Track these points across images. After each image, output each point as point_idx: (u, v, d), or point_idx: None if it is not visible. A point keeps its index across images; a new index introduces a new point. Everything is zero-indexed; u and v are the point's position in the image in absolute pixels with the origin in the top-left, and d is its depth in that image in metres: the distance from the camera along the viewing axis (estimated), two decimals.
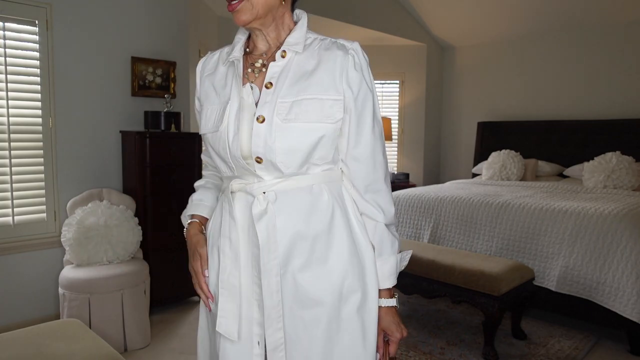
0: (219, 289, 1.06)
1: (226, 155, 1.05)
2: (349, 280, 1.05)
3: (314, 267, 1.03)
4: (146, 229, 3.15)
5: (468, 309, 3.38)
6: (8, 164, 2.89)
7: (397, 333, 1.10)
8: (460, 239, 3.55)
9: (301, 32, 1.07)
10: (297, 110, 1.01)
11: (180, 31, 3.64)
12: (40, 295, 3.06)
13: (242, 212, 1.06)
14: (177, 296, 3.38)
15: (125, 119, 3.38)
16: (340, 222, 1.06)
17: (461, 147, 6.04)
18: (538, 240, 3.12)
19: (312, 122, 1.01)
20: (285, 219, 1.03)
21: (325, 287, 1.03)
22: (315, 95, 1.02)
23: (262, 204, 1.03)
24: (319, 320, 1.03)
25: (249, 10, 1.01)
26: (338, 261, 1.04)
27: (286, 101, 1.01)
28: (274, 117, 1.00)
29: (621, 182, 3.97)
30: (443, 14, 5.43)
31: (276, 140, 1.00)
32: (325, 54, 1.05)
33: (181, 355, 2.67)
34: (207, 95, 1.13)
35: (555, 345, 2.83)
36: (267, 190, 1.04)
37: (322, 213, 1.05)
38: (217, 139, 1.06)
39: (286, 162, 1.01)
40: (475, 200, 3.59)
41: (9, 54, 2.86)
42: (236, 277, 1.06)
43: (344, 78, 1.03)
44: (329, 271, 1.04)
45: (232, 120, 1.04)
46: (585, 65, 4.90)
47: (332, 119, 1.03)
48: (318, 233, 1.04)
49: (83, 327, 1.90)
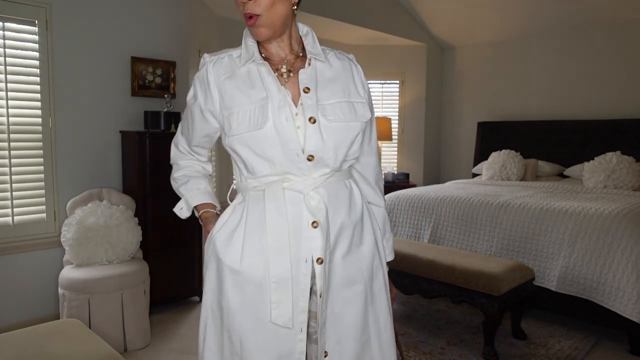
0: (271, 282, 1.11)
1: (275, 153, 1.10)
2: (376, 260, 1.23)
3: (353, 251, 1.19)
4: (146, 229, 3.15)
5: (468, 309, 3.38)
6: (8, 164, 2.89)
7: (394, 291, 1.38)
8: (460, 239, 3.55)
9: (316, 43, 1.21)
10: (336, 111, 1.14)
11: (180, 31, 3.64)
12: (40, 295, 3.05)
13: (294, 210, 1.13)
14: (177, 296, 3.38)
15: (125, 119, 3.38)
16: (366, 211, 1.24)
17: (461, 147, 6.03)
18: (538, 240, 3.12)
19: (350, 121, 1.15)
20: (333, 212, 1.15)
21: (362, 267, 1.19)
22: (346, 98, 1.17)
23: (315, 200, 1.13)
24: (357, 296, 1.18)
25: (268, 26, 1.11)
26: (368, 245, 1.21)
27: (326, 103, 1.14)
28: (320, 118, 1.12)
29: (621, 182, 3.97)
30: (443, 14, 5.43)
31: (327, 139, 1.12)
32: (338, 63, 1.22)
33: (181, 355, 2.67)
34: (232, 98, 1.15)
35: (556, 346, 2.82)
36: (317, 187, 1.14)
37: (357, 204, 1.21)
38: (261, 137, 1.10)
39: (334, 158, 1.14)
40: (475, 200, 3.59)
41: (9, 54, 2.86)
42: (287, 269, 1.11)
43: (359, 84, 1.23)
44: (364, 254, 1.20)
45: (282, 120, 1.10)
46: (586, 65, 4.90)
47: (364, 118, 1.18)
48: (355, 222, 1.20)
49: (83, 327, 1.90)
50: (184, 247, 3.36)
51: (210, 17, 4.36)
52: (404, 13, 5.50)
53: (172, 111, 3.34)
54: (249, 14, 1.11)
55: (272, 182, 1.13)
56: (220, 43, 4.56)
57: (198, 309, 3.38)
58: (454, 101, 6.08)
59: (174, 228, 3.29)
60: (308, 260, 1.12)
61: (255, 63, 1.16)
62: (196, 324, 3.10)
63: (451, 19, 5.48)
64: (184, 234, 3.35)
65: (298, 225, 1.12)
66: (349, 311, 1.17)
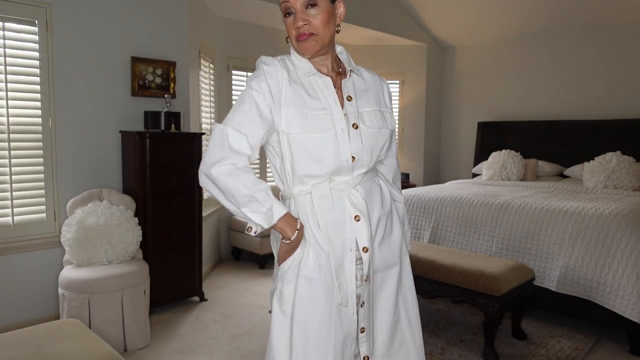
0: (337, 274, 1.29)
1: (328, 155, 1.25)
2: (403, 247, 1.42)
3: (386, 239, 1.37)
4: (146, 229, 3.15)
5: (468, 309, 3.38)
6: (8, 164, 2.88)
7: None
8: (460, 239, 3.55)
9: (351, 60, 1.39)
10: (371, 118, 1.33)
11: (180, 31, 3.64)
12: (40, 295, 3.05)
13: (338, 205, 1.28)
14: (177, 296, 3.38)
15: (125, 119, 3.38)
16: (392, 204, 1.42)
17: (461, 147, 6.03)
18: (538, 240, 3.12)
19: (382, 127, 1.35)
20: (372, 206, 1.32)
21: (394, 252, 1.38)
22: (378, 108, 1.37)
23: (357, 197, 1.29)
24: (392, 278, 1.37)
25: (318, 42, 1.26)
26: (397, 234, 1.40)
27: (363, 111, 1.33)
28: (360, 124, 1.30)
29: (621, 182, 3.97)
30: (443, 14, 5.43)
31: (365, 142, 1.30)
32: (370, 77, 1.42)
33: (181, 356, 2.67)
34: (292, 100, 1.25)
35: (556, 346, 2.82)
36: (357, 185, 1.30)
37: (387, 199, 1.39)
38: (320, 141, 1.24)
39: (370, 159, 1.32)
40: (476, 200, 3.59)
41: (9, 54, 2.86)
42: (340, 257, 1.29)
43: (387, 97, 1.45)
44: (394, 241, 1.39)
45: (340, 127, 1.26)
46: (586, 65, 4.90)
47: (392, 126, 1.40)
48: (387, 213, 1.37)
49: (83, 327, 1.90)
50: (184, 247, 3.36)
51: (210, 17, 4.36)
52: (404, 13, 5.50)
53: (172, 111, 3.34)
54: (303, 35, 1.25)
55: (318, 184, 1.28)
56: (220, 43, 4.56)
57: (198, 309, 3.38)
58: (454, 101, 6.08)
59: (174, 228, 3.29)
60: (352, 249, 1.28)
61: (317, 75, 1.30)
62: (196, 324, 3.10)
63: (451, 19, 5.48)
64: (184, 234, 3.35)
65: (342, 220, 1.28)
66: (384, 292, 1.36)
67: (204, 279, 3.95)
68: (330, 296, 1.28)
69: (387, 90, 1.46)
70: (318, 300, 1.27)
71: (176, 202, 3.29)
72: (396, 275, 1.38)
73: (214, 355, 2.67)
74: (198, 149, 3.40)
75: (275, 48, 4.95)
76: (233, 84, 4.71)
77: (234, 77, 4.71)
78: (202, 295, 3.53)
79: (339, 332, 1.29)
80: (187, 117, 3.69)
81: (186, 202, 3.34)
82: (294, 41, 1.28)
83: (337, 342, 1.28)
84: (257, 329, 3.04)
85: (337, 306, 1.29)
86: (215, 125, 1.27)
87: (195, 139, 3.38)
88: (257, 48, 4.85)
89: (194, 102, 3.87)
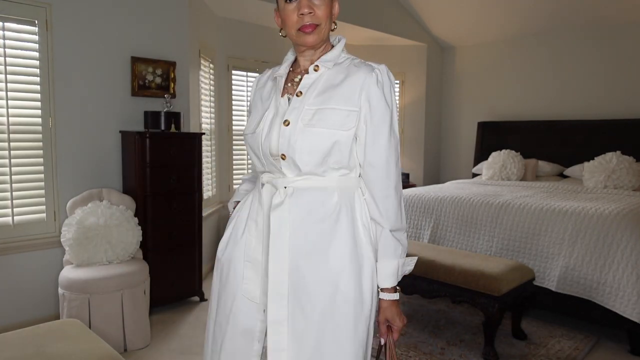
0: (244, 261, 1.26)
1: (259, 152, 1.25)
2: (345, 277, 1.19)
3: (314, 258, 1.19)
4: (146, 229, 3.15)
5: (468, 309, 3.38)
6: (8, 164, 2.88)
7: (399, 322, 1.26)
8: (460, 239, 3.55)
9: (337, 51, 1.27)
10: (318, 117, 1.18)
11: (180, 31, 3.64)
12: (40, 295, 3.05)
13: (267, 201, 1.25)
14: (177, 296, 3.38)
15: (125, 119, 3.38)
16: (344, 224, 1.21)
17: (461, 147, 6.03)
18: (538, 240, 3.12)
19: (329, 128, 1.17)
20: (296, 212, 1.20)
21: (322, 278, 1.18)
22: (335, 106, 1.19)
23: (281, 196, 1.22)
24: (314, 305, 1.18)
25: (320, 35, 1.22)
26: (336, 258, 1.19)
27: (311, 109, 1.20)
28: (298, 121, 1.18)
29: (621, 182, 3.97)
30: (443, 14, 5.43)
31: (297, 141, 1.17)
32: (353, 70, 1.23)
33: (181, 355, 2.67)
34: (255, 105, 1.36)
35: (556, 346, 2.82)
36: (288, 185, 1.22)
37: (328, 212, 1.20)
38: (254, 139, 1.26)
39: (305, 160, 1.18)
40: (476, 200, 3.59)
41: (9, 54, 2.86)
42: (259, 252, 1.25)
43: (364, 93, 1.20)
44: (328, 266, 1.19)
45: (266, 124, 1.24)
46: (586, 65, 4.90)
47: (346, 127, 1.18)
48: (323, 229, 1.20)
49: (83, 327, 1.90)
50: (184, 247, 3.36)
51: (210, 17, 4.36)
52: (404, 13, 5.50)
53: (172, 111, 3.34)
54: (309, 26, 1.20)
55: (260, 177, 1.30)
56: (220, 43, 4.56)
57: (198, 309, 3.38)
58: (454, 101, 6.08)
59: (174, 228, 3.29)
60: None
61: (272, 78, 1.35)
62: (196, 324, 3.10)
63: (451, 19, 5.48)
64: (184, 234, 3.35)
65: (269, 215, 1.24)
66: (304, 317, 1.25)
67: (204, 279, 3.95)
68: None
69: (368, 85, 1.20)
70: None
71: (176, 202, 3.29)
72: (320, 304, 1.19)
73: None
74: (198, 149, 3.40)
75: (275, 48, 4.95)
76: (233, 84, 4.70)
77: (234, 77, 4.71)
78: (202, 295, 3.53)
79: None
80: (187, 117, 3.69)
81: (186, 202, 3.34)
82: (292, 31, 1.22)
83: None
84: None
85: None
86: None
87: (195, 139, 3.38)
88: (257, 48, 4.85)
89: (194, 102, 3.87)
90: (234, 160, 4.77)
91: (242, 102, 4.79)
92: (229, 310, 1.27)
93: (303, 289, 1.18)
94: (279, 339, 1.18)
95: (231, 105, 4.71)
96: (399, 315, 1.26)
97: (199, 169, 3.44)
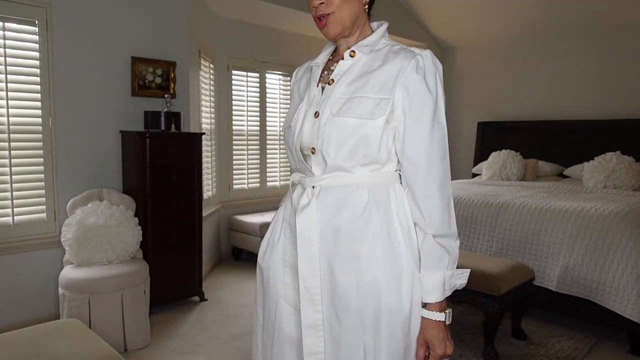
0: (283, 267, 1.20)
1: (292, 147, 1.18)
2: (381, 286, 1.06)
3: (348, 263, 1.08)
4: (146, 229, 3.15)
5: (468, 309, 3.38)
6: (8, 164, 2.88)
7: (438, 349, 1.08)
8: (460, 238, 3.54)
9: (376, 36, 1.17)
10: (348, 105, 1.09)
11: (180, 31, 3.64)
12: (40, 295, 3.05)
13: (296, 202, 1.18)
14: (177, 296, 3.38)
15: (125, 119, 3.38)
16: (377, 224, 1.08)
17: (461, 147, 6.03)
18: (538, 240, 3.12)
19: (357, 117, 1.07)
20: (322, 212, 1.11)
21: (355, 281, 1.07)
22: (367, 94, 1.08)
23: (308, 197, 1.14)
24: (347, 310, 1.07)
25: (337, 23, 1.13)
26: (369, 261, 1.07)
27: (342, 97, 1.10)
28: (327, 112, 1.10)
29: (621, 182, 3.97)
30: (443, 14, 5.43)
31: (325, 132, 1.09)
32: (391, 57, 1.12)
33: (181, 355, 2.67)
34: (292, 98, 1.31)
35: (556, 345, 2.82)
36: (315, 185, 1.13)
37: (357, 212, 1.08)
38: (289, 134, 1.20)
39: (331, 154, 1.09)
40: (475, 200, 3.59)
41: (9, 54, 2.86)
42: (295, 256, 1.16)
43: (401, 80, 1.07)
44: (363, 272, 1.07)
45: (300, 117, 1.17)
46: (585, 65, 4.90)
47: (374, 116, 1.07)
48: (353, 230, 1.08)
49: (83, 327, 1.90)
50: (184, 247, 3.36)
51: (210, 17, 4.36)
52: (404, 13, 5.50)
53: (172, 111, 3.34)
54: (319, 16, 1.13)
55: (292, 176, 1.23)
56: (220, 43, 4.56)
57: (198, 309, 3.38)
58: (454, 101, 6.08)
59: (174, 228, 3.29)
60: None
61: (309, 68, 1.27)
62: (196, 324, 3.10)
63: (451, 19, 5.48)
64: (184, 234, 3.35)
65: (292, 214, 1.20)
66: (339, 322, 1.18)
67: (204, 279, 3.95)
68: None
69: (406, 72, 1.08)
70: None
71: (176, 202, 3.29)
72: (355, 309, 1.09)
73: (214, 355, 2.67)
74: (198, 149, 3.40)
75: (275, 48, 4.95)
76: (233, 84, 4.70)
77: (234, 77, 4.70)
78: (202, 295, 3.53)
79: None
80: (187, 117, 3.69)
81: (186, 202, 3.34)
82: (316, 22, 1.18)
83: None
84: None
85: None
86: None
87: (195, 139, 3.38)
88: (257, 48, 4.85)
89: (194, 102, 3.87)
90: (234, 160, 4.77)
91: (242, 102, 4.79)
92: (274, 317, 1.20)
93: (337, 295, 1.09)
94: (313, 343, 1.11)
95: (231, 105, 4.71)
96: (441, 340, 1.08)
97: (199, 169, 3.44)
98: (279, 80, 5.09)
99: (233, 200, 4.78)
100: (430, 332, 1.08)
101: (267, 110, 5.00)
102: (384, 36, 1.19)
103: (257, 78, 4.88)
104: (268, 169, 5.08)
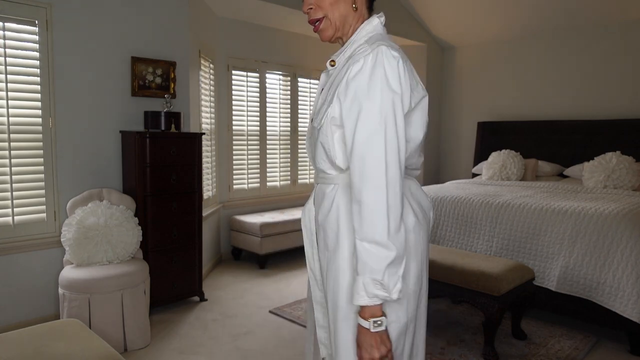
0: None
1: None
2: (343, 273, 1.15)
3: (322, 250, 1.22)
4: (146, 229, 3.15)
5: (468, 309, 3.38)
6: (8, 164, 2.88)
7: (363, 352, 1.07)
8: (460, 239, 3.55)
9: (357, 43, 1.16)
10: (321, 115, 1.15)
11: (180, 31, 3.64)
12: (40, 295, 3.05)
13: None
14: (177, 296, 3.38)
15: (125, 119, 3.38)
16: (344, 222, 1.15)
17: (461, 147, 6.03)
18: (538, 240, 3.12)
19: (326, 125, 1.13)
20: (316, 211, 1.25)
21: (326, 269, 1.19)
22: (330, 102, 1.13)
23: (311, 198, 1.32)
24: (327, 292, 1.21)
25: (329, 27, 1.19)
26: (334, 253, 1.17)
27: (319, 107, 1.20)
28: (313, 121, 1.20)
29: (621, 182, 3.97)
30: (443, 14, 5.43)
31: (310, 139, 1.24)
32: (354, 58, 1.11)
33: (181, 355, 2.67)
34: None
35: (556, 346, 2.82)
36: (316, 184, 1.28)
37: (333, 211, 1.17)
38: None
39: (317, 159, 1.21)
40: (475, 200, 3.59)
41: (9, 54, 2.86)
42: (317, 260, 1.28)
43: (343, 82, 1.10)
44: (329, 258, 1.18)
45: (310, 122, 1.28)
46: (585, 65, 4.90)
47: (335, 122, 1.12)
48: (330, 226, 1.17)
49: (83, 327, 1.90)
50: (184, 247, 3.36)
51: (210, 17, 4.36)
52: (404, 13, 5.50)
53: (172, 111, 3.34)
54: (312, 21, 1.20)
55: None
56: (220, 43, 4.56)
57: (198, 309, 3.38)
58: (454, 101, 6.08)
59: (174, 228, 3.29)
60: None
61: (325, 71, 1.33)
62: (196, 324, 3.10)
63: (451, 19, 5.48)
64: (184, 234, 3.35)
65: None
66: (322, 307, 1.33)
67: (204, 279, 3.95)
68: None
69: (348, 75, 1.08)
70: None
71: (176, 202, 3.29)
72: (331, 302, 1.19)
73: (214, 355, 2.67)
74: (198, 149, 3.40)
75: (275, 48, 4.95)
76: (233, 84, 4.70)
77: (234, 77, 4.70)
78: (202, 295, 3.53)
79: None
80: (187, 117, 3.69)
81: (186, 202, 3.34)
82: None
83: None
84: (257, 329, 3.04)
85: None
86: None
87: (195, 139, 3.38)
88: (257, 48, 4.85)
89: (194, 102, 3.87)
90: (234, 160, 4.77)
91: (242, 102, 4.79)
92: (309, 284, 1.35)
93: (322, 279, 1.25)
94: (320, 317, 1.27)
95: (231, 105, 4.71)
96: (369, 346, 1.05)
97: (199, 169, 3.44)
98: (279, 80, 5.09)
99: (233, 200, 4.79)
100: (359, 335, 1.09)
101: (267, 110, 5.00)
102: (370, 35, 1.16)
103: (257, 78, 4.89)
104: (268, 169, 5.08)
